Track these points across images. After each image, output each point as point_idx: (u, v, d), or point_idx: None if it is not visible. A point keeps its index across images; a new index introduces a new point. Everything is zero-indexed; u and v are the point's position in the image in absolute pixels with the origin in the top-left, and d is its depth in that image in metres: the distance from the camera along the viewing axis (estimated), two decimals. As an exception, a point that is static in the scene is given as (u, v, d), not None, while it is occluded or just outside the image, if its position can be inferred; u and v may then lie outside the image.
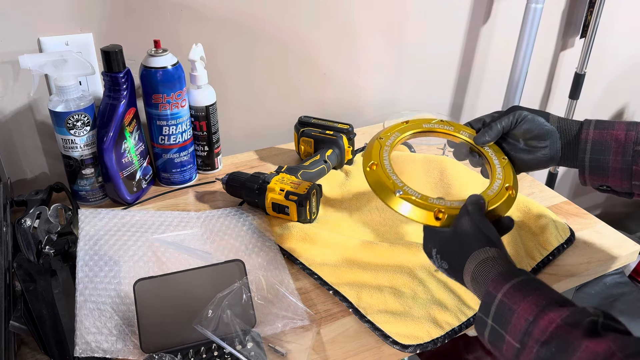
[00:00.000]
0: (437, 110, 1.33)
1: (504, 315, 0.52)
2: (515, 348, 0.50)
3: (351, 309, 0.70)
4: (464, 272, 0.59)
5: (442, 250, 0.63)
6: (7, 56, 0.85)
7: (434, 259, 0.64)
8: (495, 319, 0.53)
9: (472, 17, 1.27)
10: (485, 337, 0.55)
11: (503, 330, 0.52)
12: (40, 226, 0.79)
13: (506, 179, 0.70)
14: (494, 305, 0.54)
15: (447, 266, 0.62)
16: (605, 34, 1.47)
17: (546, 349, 0.48)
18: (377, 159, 0.70)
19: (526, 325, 0.50)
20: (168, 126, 0.91)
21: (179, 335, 0.64)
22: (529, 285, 0.53)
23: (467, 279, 0.59)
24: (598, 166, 0.67)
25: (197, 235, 0.82)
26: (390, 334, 0.66)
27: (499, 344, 0.53)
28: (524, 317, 0.50)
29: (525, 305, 0.51)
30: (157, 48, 0.87)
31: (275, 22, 1.05)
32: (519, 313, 0.51)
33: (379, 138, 0.74)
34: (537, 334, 0.49)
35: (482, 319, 0.55)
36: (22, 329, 0.63)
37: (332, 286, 0.74)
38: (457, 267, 0.61)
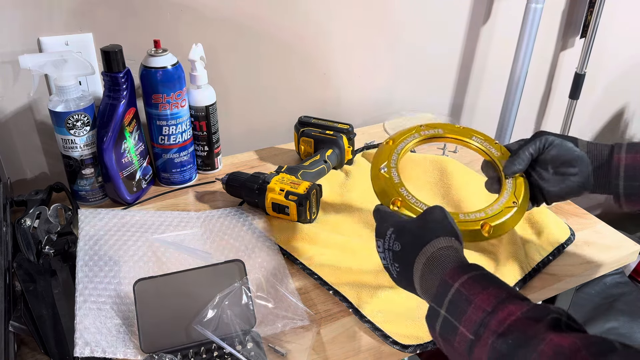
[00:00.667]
0: (437, 110, 1.33)
1: (460, 306, 0.50)
2: (468, 340, 0.48)
3: (351, 309, 0.70)
4: (418, 256, 0.56)
5: (401, 231, 0.60)
6: (7, 56, 0.85)
7: (385, 239, 0.61)
8: (449, 309, 0.51)
9: (472, 17, 1.27)
10: (437, 330, 0.52)
11: (457, 321, 0.50)
12: (40, 226, 0.79)
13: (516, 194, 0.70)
14: (450, 294, 0.51)
15: (398, 248, 0.59)
16: (605, 34, 1.47)
17: (502, 340, 0.45)
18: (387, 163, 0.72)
19: (483, 316, 0.48)
20: (168, 126, 0.91)
21: (179, 335, 0.64)
22: (488, 279, 0.52)
23: (418, 266, 0.56)
24: (633, 193, 0.65)
25: (197, 235, 0.82)
26: (391, 334, 0.66)
27: (451, 337, 0.50)
28: (481, 308, 0.48)
29: (483, 297, 0.49)
30: (157, 48, 0.87)
31: (276, 22, 1.05)
32: (476, 304, 0.49)
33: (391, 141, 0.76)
34: (494, 325, 0.47)
35: (434, 309, 0.52)
36: (22, 329, 0.63)
37: (332, 286, 0.74)
38: (411, 249, 0.57)
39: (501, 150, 0.76)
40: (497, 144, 0.77)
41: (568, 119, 1.50)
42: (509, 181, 0.72)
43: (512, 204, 0.69)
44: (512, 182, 0.72)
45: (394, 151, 0.76)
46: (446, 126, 0.81)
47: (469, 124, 1.45)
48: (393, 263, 0.60)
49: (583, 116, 1.62)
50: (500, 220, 0.68)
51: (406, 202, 0.68)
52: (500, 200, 0.70)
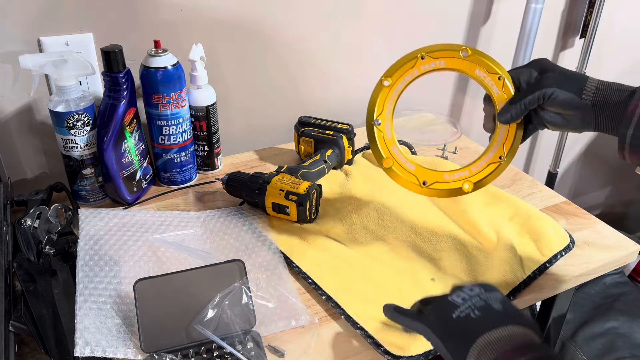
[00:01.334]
0: (437, 110, 1.33)
1: None
2: None
3: (343, 315, 0.70)
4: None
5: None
6: (7, 56, 0.85)
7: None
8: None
9: (472, 17, 1.27)
10: None
11: None
12: (41, 226, 0.79)
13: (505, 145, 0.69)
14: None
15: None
16: (605, 34, 1.47)
17: None
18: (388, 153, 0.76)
19: None
20: (168, 126, 0.91)
21: (179, 335, 0.64)
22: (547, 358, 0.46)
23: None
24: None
25: (197, 235, 0.82)
26: (383, 343, 0.65)
27: None
28: None
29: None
30: (157, 48, 0.87)
31: (276, 22, 1.05)
32: None
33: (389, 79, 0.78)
34: None
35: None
36: (22, 329, 0.63)
37: (325, 291, 0.73)
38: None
39: (503, 89, 0.70)
40: (500, 80, 0.70)
41: (568, 119, 1.50)
42: (502, 129, 0.70)
43: (499, 159, 0.69)
44: (505, 130, 0.70)
45: (390, 97, 0.76)
46: (452, 54, 0.77)
47: (469, 123, 1.45)
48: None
49: (583, 116, 1.62)
50: (484, 177, 0.70)
51: (397, 161, 0.74)
52: (488, 155, 0.70)
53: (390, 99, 0.76)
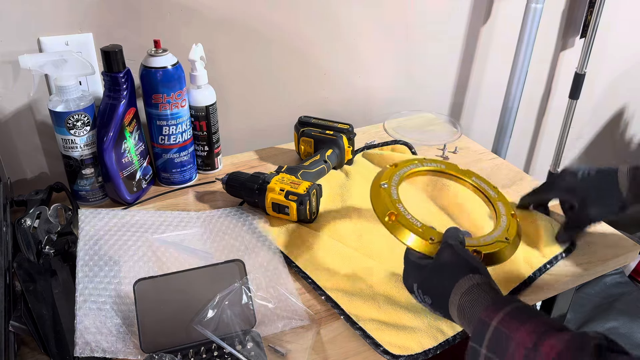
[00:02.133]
0: (437, 110, 1.33)
1: (500, 343, 0.51)
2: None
3: (342, 315, 0.70)
4: (450, 305, 0.59)
5: (424, 285, 0.62)
6: (7, 56, 0.85)
7: (415, 294, 0.63)
8: (489, 347, 0.51)
9: (472, 17, 1.27)
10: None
11: (499, 359, 0.50)
12: (40, 226, 0.79)
13: (509, 232, 0.73)
14: (488, 332, 0.52)
15: (430, 301, 0.61)
16: (605, 34, 1.47)
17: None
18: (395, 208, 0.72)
19: (525, 353, 0.48)
20: (168, 126, 0.91)
21: (179, 335, 0.64)
22: (523, 312, 0.52)
23: (454, 312, 0.58)
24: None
25: (197, 235, 0.82)
26: (382, 343, 0.65)
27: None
28: (523, 345, 0.49)
29: (523, 333, 0.49)
30: (157, 48, 0.87)
31: (276, 22, 1.05)
32: (517, 341, 0.49)
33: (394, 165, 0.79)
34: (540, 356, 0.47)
35: (475, 348, 0.53)
36: (22, 329, 0.63)
37: (324, 291, 0.73)
38: (441, 300, 0.60)
39: (497, 191, 0.80)
40: (495, 188, 0.81)
41: (568, 119, 1.50)
42: (503, 219, 0.75)
43: (505, 239, 0.72)
44: (506, 221, 0.75)
45: (396, 173, 0.78)
46: (449, 165, 0.84)
47: (469, 124, 1.45)
48: (435, 311, 0.63)
49: (583, 116, 1.62)
50: (492, 251, 0.69)
51: (402, 216, 0.69)
52: (493, 234, 0.73)
53: (397, 175, 0.79)
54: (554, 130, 1.59)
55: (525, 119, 1.53)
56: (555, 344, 0.47)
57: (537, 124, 1.60)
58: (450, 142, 1.14)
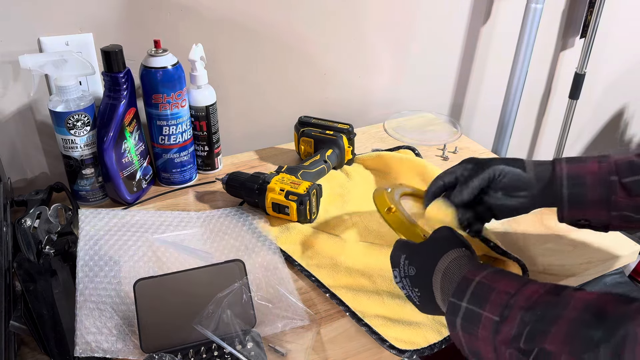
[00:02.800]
0: (437, 110, 1.33)
1: (482, 294, 0.51)
2: (493, 322, 0.49)
3: (348, 312, 0.70)
4: (435, 272, 0.58)
5: (413, 256, 0.61)
6: (7, 56, 0.85)
7: (400, 267, 0.62)
8: (471, 300, 0.52)
9: (472, 17, 1.27)
10: (457, 324, 0.53)
11: (480, 309, 0.51)
12: (41, 226, 0.79)
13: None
14: (471, 287, 0.53)
15: (414, 272, 0.61)
16: (605, 34, 1.47)
17: (531, 312, 0.47)
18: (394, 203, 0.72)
19: (507, 298, 0.49)
20: (168, 126, 0.91)
21: (179, 335, 0.64)
22: (507, 272, 0.54)
23: (437, 278, 0.58)
24: (576, 200, 0.66)
25: (197, 235, 0.82)
26: (388, 338, 0.66)
27: (473, 326, 0.51)
28: (505, 292, 0.50)
29: (506, 282, 0.51)
30: (157, 48, 0.87)
31: (276, 22, 1.05)
32: (499, 289, 0.51)
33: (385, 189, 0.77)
34: (521, 301, 0.48)
35: (455, 304, 0.53)
36: (22, 329, 0.63)
37: (329, 289, 0.73)
38: (427, 268, 0.59)
39: None
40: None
41: (568, 119, 1.51)
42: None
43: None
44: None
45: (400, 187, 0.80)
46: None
47: (469, 123, 1.45)
48: (412, 289, 0.61)
49: (583, 116, 1.62)
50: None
51: (400, 212, 0.70)
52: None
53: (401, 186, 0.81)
54: (554, 130, 1.59)
55: (525, 119, 1.53)
56: (537, 289, 0.49)
57: (537, 124, 1.60)
58: (450, 142, 1.14)
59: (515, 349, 0.47)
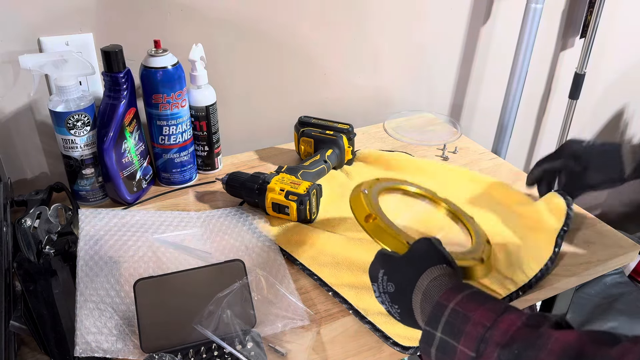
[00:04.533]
0: (437, 110, 1.33)
1: (457, 325, 0.49)
2: (469, 358, 0.47)
3: (351, 310, 0.70)
4: (415, 291, 0.56)
5: (392, 271, 0.59)
6: (7, 56, 0.85)
7: (378, 282, 0.60)
8: (445, 330, 0.49)
9: (472, 17, 1.27)
10: (432, 355, 0.50)
11: (455, 341, 0.48)
12: (41, 226, 0.79)
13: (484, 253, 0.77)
14: (445, 315, 0.50)
15: (393, 289, 0.58)
16: (605, 34, 1.47)
17: (508, 350, 0.44)
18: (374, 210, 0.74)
19: (483, 332, 0.46)
20: (168, 126, 0.91)
21: (179, 335, 0.64)
22: (483, 296, 0.51)
23: (417, 298, 0.56)
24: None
25: (197, 235, 0.82)
26: (391, 335, 0.66)
27: (448, 358, 0.49)
28: (481, 324, 0.47)
29: (481, 312, 0.48)
30: (157, 48, 0.87)
31: (276, 22, 1.05)
32: (474, 320, 0.48)
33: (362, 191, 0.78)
34: (497, 337, 0.46)
35: (429, 333, 0.51)
36: (22, 329, 0.63)
37: (331, 287, 0.73)
38: (406, 286, 0.57)
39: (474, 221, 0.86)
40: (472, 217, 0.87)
41: (568, 119, 1.50)
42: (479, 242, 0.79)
43: (480, 259, 0.75)
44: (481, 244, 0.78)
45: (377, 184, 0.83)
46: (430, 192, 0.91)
47: (469, 123, 1.45)
48: (392, 305, 0.60)
49: (583, 116, 1.62)
50: (464, 265, 0.72)
51: (380, 219, 0.70)
52: (469, 251, 0.76)
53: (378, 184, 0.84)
54: (554, 130, 1.59)
55: (525, 119, 1.53)
56: (515, 320, 0.46)
57: (537, 124, 1.60)
58: (450, 142, 1.14)
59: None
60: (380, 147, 1.11)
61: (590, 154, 0.78)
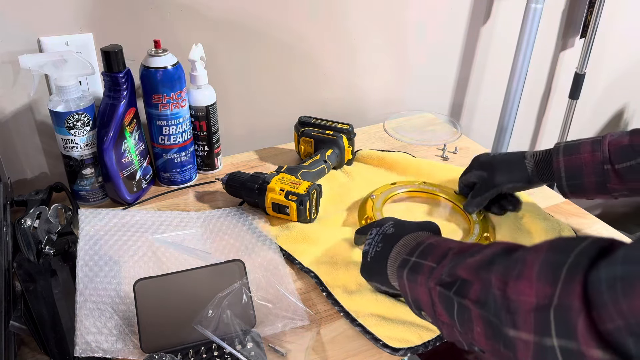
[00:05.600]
0: (437, 110, 1.34)
1: (430, 250, 0.56)
2: (430, 268, 0.53)
3: (342, 312, 0.70)
4: (406, 236, 0.63)
5: (399, 224, 0.67)
6: (7, 56, 0.85)
7: (382, 227, 0.67)
8: (419, 255, 0.56)
9: (472, 17, 1.27)
10: (404, 276, 0.56)
11: (424, 260, 0.55)
12: (40, 226, 0.79)
13: (483, 230, 0.83)
14: (423, 245, 0.57)
15: (392, 231, 0.65)
16: (605, 34, 1.47)
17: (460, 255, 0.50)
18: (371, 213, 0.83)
19: (447, 250, 0.53)
20: (168, 126, 0.91)
21: (179, 335, 0.64)
22: (461, 242, 0.57)
23: (403, 240, 0.62)
24: (576, 189, 0.75)
25: (197, 235, 0.82)
26: (381, 337, 0.66)
27: (416, 274, 0.54)
28: (449, 247, 0.54)
29: (454, 242, 0.56)
30: (157, 48, 0.87)
31: (276, 22, 1.05)
32: (445, 246, 0.55)
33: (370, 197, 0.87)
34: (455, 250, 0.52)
35: (406, 259, 0.57)
36: (22, 329, 0.63)
37: (326, 287, 0.73)
38: (403, 231, 0.64)
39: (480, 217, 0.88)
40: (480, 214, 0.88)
41: (568, 119, 1.50)
42: (472, 238, 0.82)
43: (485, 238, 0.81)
44: (474, 239, 0.82)
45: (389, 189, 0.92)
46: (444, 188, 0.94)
47: (469, 123, 1.45)
48: (377, 243, 0.66)
49: (583, 116, 1.62)
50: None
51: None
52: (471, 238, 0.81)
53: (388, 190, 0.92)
54: (554, 130, 1.59)
55: (525, 119, 1.53)
56: (480, 245, 0.52)
57: (537, 124, 1.60)
58: (450, 142, 1.14)
59: (441, 284, 0.50)
60: (380, 147, 1.11)
61: (495, 162, 0.84)
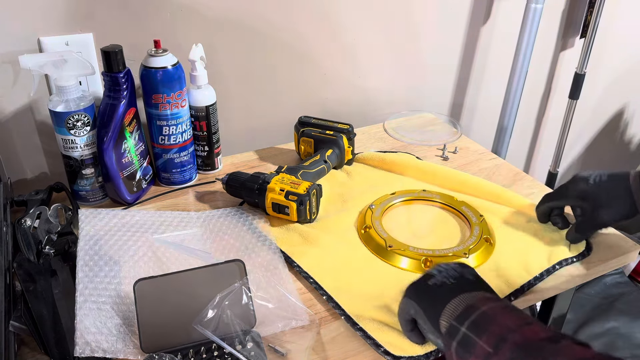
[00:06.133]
0: (437, 110, 1.33)
1: (483, 324, 0.50)
2: (486, 353, 0.48)
3: (343, 316, 0.69)
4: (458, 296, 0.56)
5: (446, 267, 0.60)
6: (7, 56, 0.85)
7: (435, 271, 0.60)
8: (470, 327, 0.51)
9: (472, 17, 1.27)
10: (453, 348, 0.52)
11: (477, 337, 0.49)
12: (41, 226, 0.79)
13: (483, 232, 0.82)
14: (474, 314, 0.52)
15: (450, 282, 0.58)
16: (605, 34, 1.47)
17: (522, 351, 0.46)
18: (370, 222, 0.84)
19: (505, 332, 0.48)
20: (168, 126, 0.91)
21: (179, 335, 0.64)
22: (515, 308, 0.52)
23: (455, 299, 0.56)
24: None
25: (197, 235, 0.82)
26: (383, 344, 0.65)
27: (467, 353, 0.50)
28: (505, 326, 0.48)
29: (510, 317, 0.50)
30: (157, 48, 0.87)
31: (276, 22, 1.05)
32: (500, 322, 0.49)
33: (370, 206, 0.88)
34: (517, 339, 0.47)
35: (454, 327, 0.52)
36: (22, 329, 0.63)
37: (326, 291, 0.73)
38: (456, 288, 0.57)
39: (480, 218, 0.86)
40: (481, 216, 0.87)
41: (568, 119, 1.50)
42: (471, 240, 0.81)
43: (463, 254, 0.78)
44: (473, 241, 0.80)
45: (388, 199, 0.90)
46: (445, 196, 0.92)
47: (469, 123, 1.45)
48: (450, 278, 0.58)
49: (583, 116, 1.62)
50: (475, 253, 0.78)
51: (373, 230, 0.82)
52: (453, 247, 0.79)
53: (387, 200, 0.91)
54: (554, 130, 1.59)
55: (525, 119, 1.53)
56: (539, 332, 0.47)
57: (537, 124, 1.60)
58: (450, 142, 1.14)
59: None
60: (380, 147, 1.11)
61: (598, 192, 0.75)
